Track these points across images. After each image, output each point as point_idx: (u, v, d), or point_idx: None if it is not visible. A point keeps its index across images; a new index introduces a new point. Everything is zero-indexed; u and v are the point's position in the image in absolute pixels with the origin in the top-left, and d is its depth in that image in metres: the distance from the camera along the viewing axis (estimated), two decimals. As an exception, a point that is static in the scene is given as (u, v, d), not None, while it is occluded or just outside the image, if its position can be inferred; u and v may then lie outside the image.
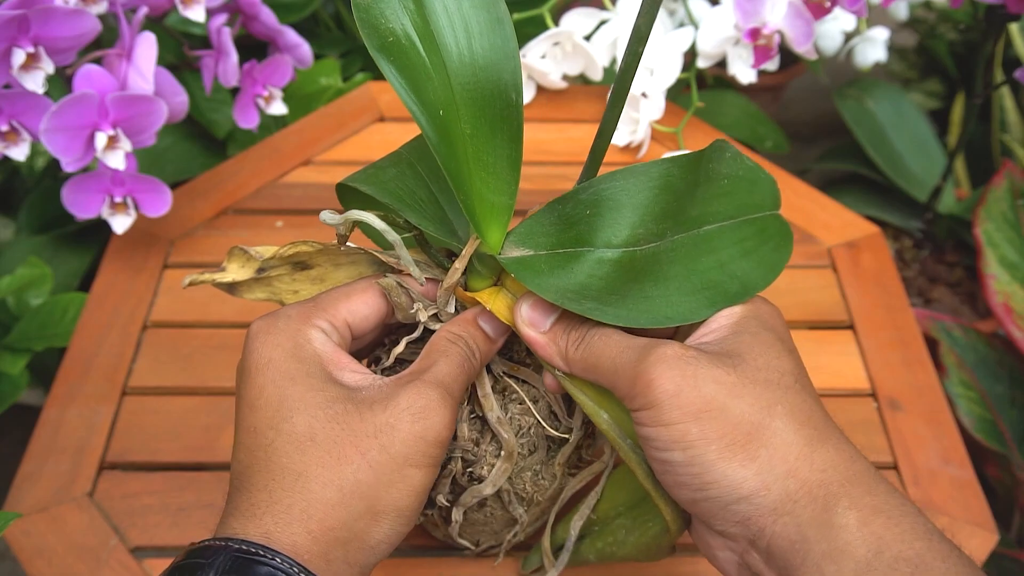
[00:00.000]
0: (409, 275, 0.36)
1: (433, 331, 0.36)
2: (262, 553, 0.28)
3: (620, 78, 0.31)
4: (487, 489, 0.37)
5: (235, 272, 0.38)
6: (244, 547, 0.28)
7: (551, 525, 0.41)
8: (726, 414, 0.29)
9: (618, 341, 0.32)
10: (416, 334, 0.37)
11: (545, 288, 0.32)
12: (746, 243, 0.35)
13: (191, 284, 0.37)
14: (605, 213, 0.34)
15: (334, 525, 0.29)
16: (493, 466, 0.36)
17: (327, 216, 0.33)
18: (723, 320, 0.33)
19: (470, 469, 0.37)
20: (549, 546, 0.40)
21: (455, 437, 0.36)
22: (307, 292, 0.39)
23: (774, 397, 0.30)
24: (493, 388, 0.37)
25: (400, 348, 0.36)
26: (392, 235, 0.33)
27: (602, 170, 0.35)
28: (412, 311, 0.36)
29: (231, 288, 0.38)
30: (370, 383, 0.33)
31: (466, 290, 0.36)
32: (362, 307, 0.35)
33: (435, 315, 0.36)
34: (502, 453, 0.36)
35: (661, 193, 0.34)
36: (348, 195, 0.39)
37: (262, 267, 0.38)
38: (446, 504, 0.38)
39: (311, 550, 0.29)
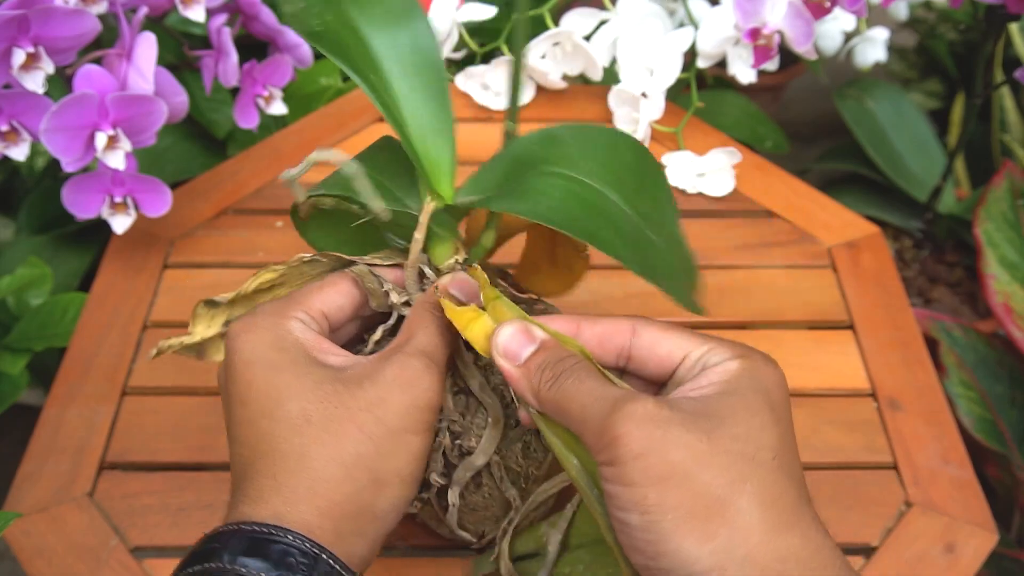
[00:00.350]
0: (378, 264, 0.37)
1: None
2: (275, 532, 0.29)
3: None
4: (479, 459, 0.37)
5: (202, 331, 0.39)
6: (256, 528, 0.29)
7: (510, 533, 0.40)
8: (690, 483, 0.27)
9: (591, 388, 0.30)
10: (391, 321, 0.37)
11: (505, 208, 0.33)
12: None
13: (159, 354, 0.37)
14: (554, 146, 0.35)
15: (341, 500, 0.30)
16: (482, 437, 0.37)
17: (286, 173, 0.35)
18: (716, 375, 0.30)
19: (459, 442, 0.37)
20: (507, 552, 0.40)
21: (442, 409, 0.37)
22: None
23: (745, 472, 0.27)
24: (475, 362, 0.37)
25: (377, 335, 0.37)
26: (352, 167, 0.34)
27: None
28: (385, 297, 0.37)
29: (200, 351, 0.39)
30: (354, 362, 0.33)
31: (433, 264, 0.37)
32: (336, 297, 0.35)
33: (407, 302, 0.37)
34: (489, 420, 0.37)
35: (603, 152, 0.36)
36: (307, 223, 0.41)
37: (228, 319, 0.38)
38: (441, 483, 0.38)
39: (322, 526, 0.29)
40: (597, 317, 0.33)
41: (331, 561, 0.29)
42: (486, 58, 0.71)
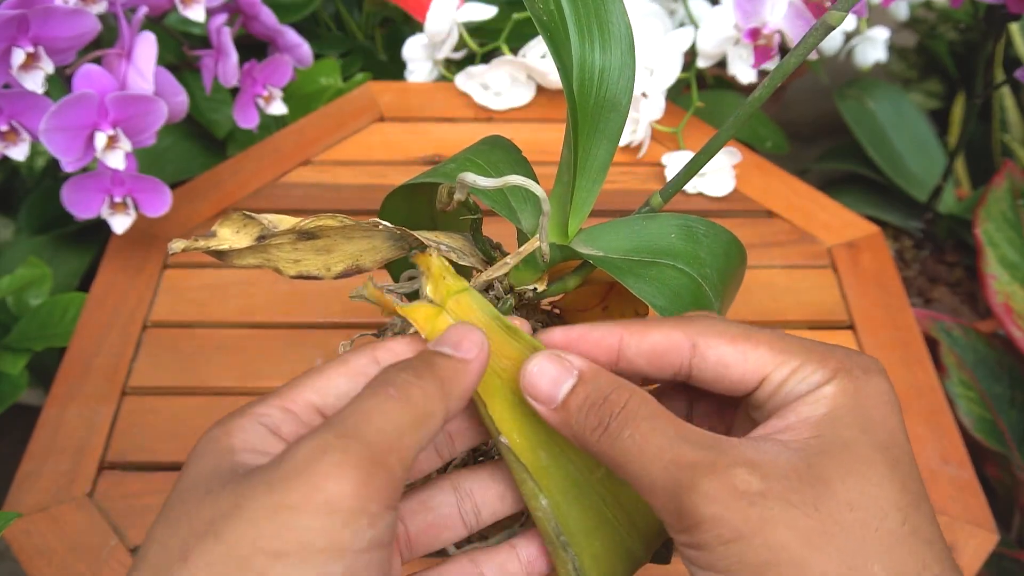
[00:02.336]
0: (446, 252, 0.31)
1: None
2: None
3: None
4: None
5: (230, 239, 0.33)
6: None
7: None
8: (800, 572, 0.22)
9: (658, 449, 0.23)
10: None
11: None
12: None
13: (184, 251, 0.32)
14: (690, 241, 0.33)
15: None
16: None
17: (470, 177, 0.29)
18: (809, 409, 0.24)
19: (480, 459, 0.36)
20: None
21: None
22: (310, 263, 0.34)
23: (869, 550, 0.22)
24: None
25: None
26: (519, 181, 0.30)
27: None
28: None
29: (222, 255, 0.33)
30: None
31: (508, 282, 0.32)
32: (340, 382, 0.26)
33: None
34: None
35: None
36: (393, 204, 0.38)
37: (262, 235, 0.33)
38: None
39: None
40: (644, 325, 0.27)
41: None
42: (486, 58, 0.71)
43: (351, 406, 0.23)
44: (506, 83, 0.69)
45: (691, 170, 0.32)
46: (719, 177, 0.64)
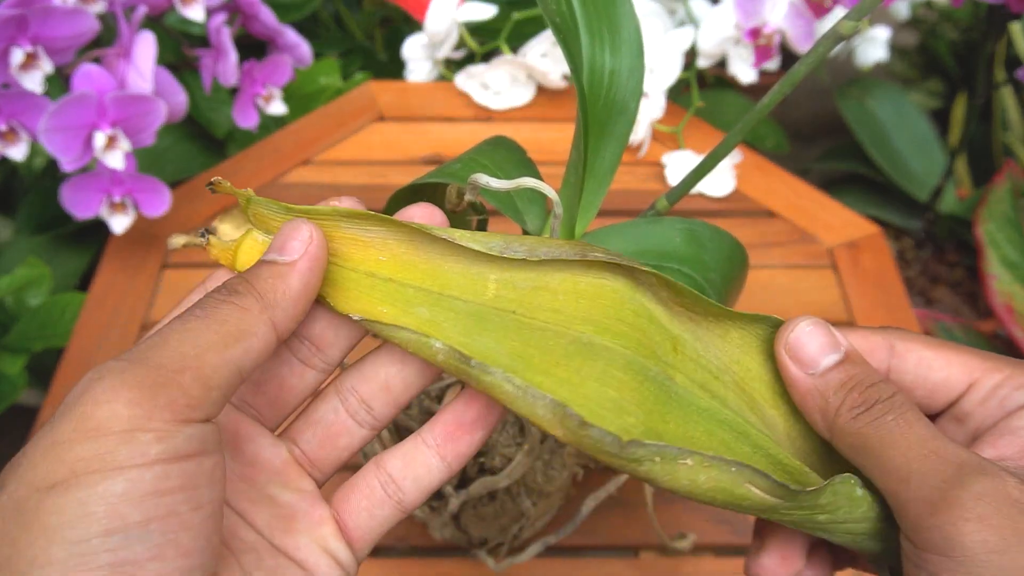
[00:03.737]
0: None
1: None
2: None
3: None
4: (503, 482, 0.35)
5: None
6: None
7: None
8: None
9: (924, 439, 0.22)
10: None
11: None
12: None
13: (184, 247, 0.29)
14: (694, 246, 0.34)
15: None
16: (506, 456, 0.35)
17: (482, 178, 0.29)
18: None
19: (482, 460, 0.36)
20: None
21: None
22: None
23: None
24: None
25: None
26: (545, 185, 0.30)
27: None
28: None
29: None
30: None
31: None
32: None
33: None
34: (524, 448, 0.35)
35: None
36: (397, 203, 0.39)
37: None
38: (454, 495, 0.37)
39: None
40: (837, 328, 0.26)
41: None
42: (486, 57, 0.71)
43: (151, 334, 0.22)
44: (506, 83, 0.69)
45: (697, 175, 0.32)
46: (720, 177, 0.64)
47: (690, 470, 0.23)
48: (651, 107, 0.64)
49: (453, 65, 0.73)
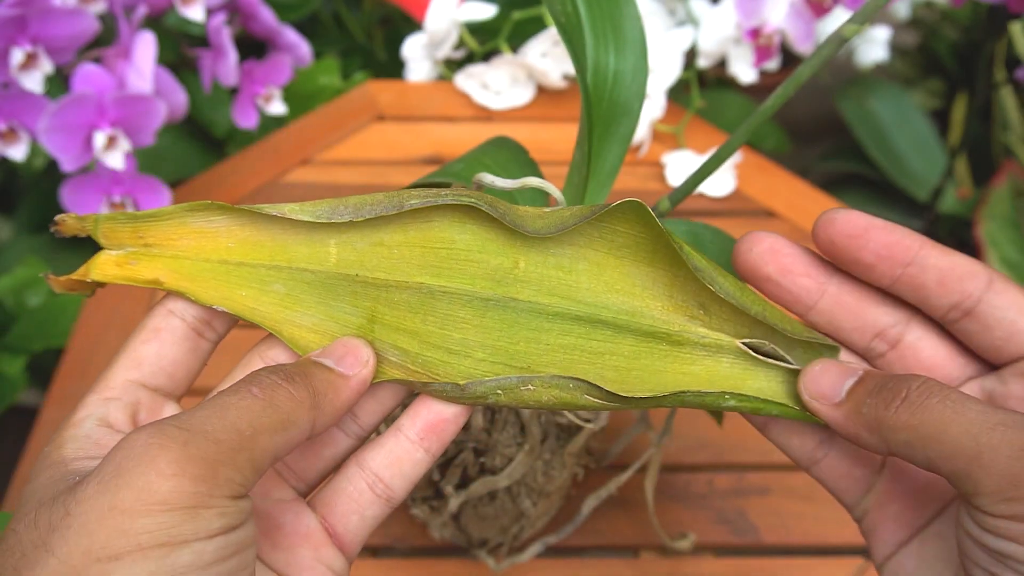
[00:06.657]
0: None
1: None
2: None
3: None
4: (503, 482, 0.35)
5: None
6: None
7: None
8: None
9: (982, 411, 0.22)
10: None
11: None
12: None
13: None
14: (697, 245, 0.34)
15: None
16: (506, 456, 0.35)
17: (488, 177, 0.29)
18: None
19: (482, 460, 0.36)
20: None
21: (466, 427, 0.35)
22: None
23: None
24: None
25: None
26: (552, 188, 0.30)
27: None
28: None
29: None
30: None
31: None
32: (146, 349, 0.26)
33: None
34: (525, 448, 0.35)
35: None
36: None
37: None
38: (454, 495, 0.37)
39: None
40: (944, 248, 0.26)
41: None
42: (486, 57, 0.71)
43: (208, 400, 0.23)
44: (506, 82, 0.69)
45: (700, 176, 0.32)
46: (720, 177, 0.64)
47: (533, 393, 0.26)
48: (651, 107, 0.64)
49: (453, 65, 0.73)
